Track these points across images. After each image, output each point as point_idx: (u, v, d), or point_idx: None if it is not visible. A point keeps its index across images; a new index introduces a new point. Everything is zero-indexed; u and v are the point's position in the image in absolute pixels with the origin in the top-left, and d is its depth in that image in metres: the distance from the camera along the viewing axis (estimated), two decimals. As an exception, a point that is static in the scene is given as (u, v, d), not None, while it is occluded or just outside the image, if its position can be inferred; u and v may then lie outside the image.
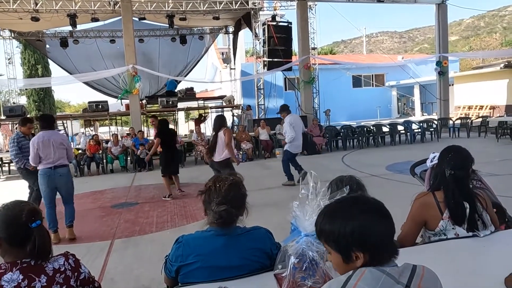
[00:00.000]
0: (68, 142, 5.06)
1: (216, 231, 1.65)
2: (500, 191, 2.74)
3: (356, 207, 1.13)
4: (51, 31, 17.39)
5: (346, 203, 1.17)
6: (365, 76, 25.59)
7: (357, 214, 1.10)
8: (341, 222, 1.10)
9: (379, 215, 1.11)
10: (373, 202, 1.16)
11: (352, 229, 1.08)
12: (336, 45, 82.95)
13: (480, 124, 13.82)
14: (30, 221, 1.48)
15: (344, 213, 1.12)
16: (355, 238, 1.08)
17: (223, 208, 1.60)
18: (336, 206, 1.18)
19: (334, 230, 1.11)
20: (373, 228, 1.08)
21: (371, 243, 1.07)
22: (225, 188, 1.64)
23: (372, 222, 1.09)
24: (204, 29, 19.41)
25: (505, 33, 57.19)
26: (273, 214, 5.53)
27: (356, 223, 1.08)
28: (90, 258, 4.26)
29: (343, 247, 1.10)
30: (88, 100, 15.87)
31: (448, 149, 2.19)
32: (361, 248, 1.08)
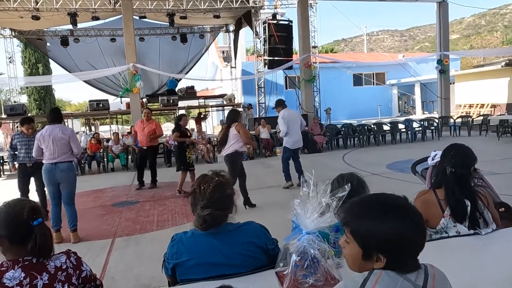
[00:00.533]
0: (72, 136, 4.85)
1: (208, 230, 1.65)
2: (501, 190, 2.74)
3: (396, 212, 1.05)
4: (51, 30, 17.40)
5: (385, 204, 1.09)
6: (366, 75, 25.56)
7: (393, 220, 1.03)
8: (375, 222, 1.05)
9: (413, 227, 1.04)
10: (413, 211, 1.08)
11: (384, 234, 1.03)
12: (336, 43, 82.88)
13: (481, 122, 13.80)
14: (32, 218, 1.48)
15: (380, 214, 1.05)
16: (383, 243, 1.03)
17: (207, 213, 1.59)
18: (372, 202, 1.12)
19: (364, 228, 1.06)
20: (404, 239, 1.02)
21: (397, 252, 1.03)
22: (209, 190, 1.63)
23: (404, 233, 1.02)
24: (205, 28, 19.40)
25: (506, 32, 57.08)
26: (274, 213, 5.54)
27: (390, 229, 1.02)
28: (91, 256, 4.26)
29: (367, 246, 1.06)
30: (89, 99, 15.89)
31: (451, 147, 2.19)
32: (385, 254, 1.03)
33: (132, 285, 3.57)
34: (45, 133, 4.70)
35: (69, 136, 4.77)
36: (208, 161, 11.70)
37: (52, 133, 4.69)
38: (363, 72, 25.14)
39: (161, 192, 7.74)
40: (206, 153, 11.79)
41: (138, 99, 13.07)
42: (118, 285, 3.59)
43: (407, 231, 1.02)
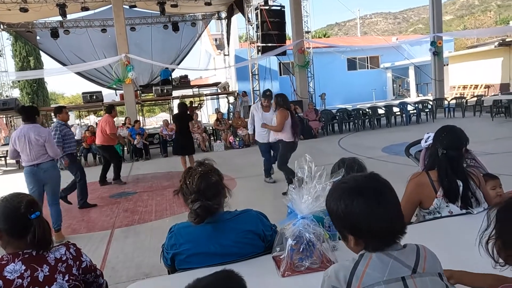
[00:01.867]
0: (48, 137, 4.51)
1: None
2: (494, 170, 2.78)
3: (352, 192, 1.08)
4: (41, 22, 17.13)
5: (346, 186, 1.12)
6: (360, 59, 25.46)
7: (348, 200, 1.07)
8: (335, 203, 1.09)
9: (373, 202, 1.06)
10: (372, 186, 1.10)
11: (342, 213, 1.07)
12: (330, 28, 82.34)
13: (475, 103, 13.85)
14: (29, 212, 1.50)
15: (340, 195, 1.09)
16: (343, 221, 1.08)
17: (197, 206, 1.60)
18: (338, 186, 1.15)
19: (330, 209, 1.13)
20: (358, 219, 1.05)
21: (357, 231, 1.06)
22: (195, 182, 1.63)
23: (359, 213, 1.05)
24: (196, 16, 19.19)
25: (499, 11, 56.89)
26: (270, 199, 5.61)
27: (346, 208, 1.06)
28: (90, 248, 4.30)
29: (337, 226, 1.14)
30: (82, 90, 15.78)
31: (442, 129, 2.21)
32: (350, 233, 1.08)
33: (132, 274, 3.62)
34: (20, 134, 4.42)
35: (45, 139, 4.46)
36: (204, 150, 11.72)
37: (27, 135, 4.39)
38: (357, 56, 25.03)
39: (158, 182, 7.77)
40: (202, 142, 11.80)
41: (131, 90, 13.00)
42: (119, 275, 3.63)
43: (360, 210, 1.04)
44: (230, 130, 12.45)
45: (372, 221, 1.04)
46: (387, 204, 1.08)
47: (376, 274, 1.01)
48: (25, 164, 4.53)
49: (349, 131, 13.04)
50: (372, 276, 1.01)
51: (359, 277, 1.01)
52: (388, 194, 1.10)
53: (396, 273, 1.02)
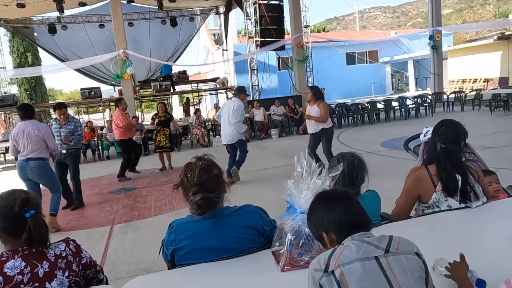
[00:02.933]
0: (46, 132, 4.70)
1: (203, 215, 1.67)
2: (493, 163, 2.78)
3: (314, 200, 1.35)
4: (38, 18, 17.02)
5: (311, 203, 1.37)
6: (359, 53, 25.41)
7: (312, 206, 1.33)
8: (308, 217, 1.35)
9: (330, 202, 1.29)
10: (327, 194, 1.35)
11: (313, 219, 1.31)
12: (328, 22, 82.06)
13: (474, 97, 13.84)
14: (24, 211, 1.49)
15: (308, 211, 1.35)
16: (314, 225, 1.31)
17: (199, 198, 1.61)
18: (314, 202, 1.36)
19: (308, 225, 1.37)
20: (326, 213, 1.27)
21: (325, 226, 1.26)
22: (196, 175, 1.64)
23: (325, 209, 1.27)
24: (195, 10, 19.08)
25: (498, 4, 56.65)
26: (269, 193, 5.60)
27: (315, 213, 1.30)
28: (90, 244, 4.31)
29: (315, 235, 1.34)
30: (80, 86, 15.73)
31: (441, 123, 2.21)
32: (324, 230, 1.27)
33: (132, 269, 3.62)
34: (19, 131, 4.57)
35: (44, 134, 4.63)
36: (203, 145, 11.72)
37: (26, 129, 4.55)
38: (356, 50, 24.98)
39: (157, 178, 7.77)
40: (201, 137, 11.79)
41: (130, 85, 12.97)
42: (119, 270, 3.64)
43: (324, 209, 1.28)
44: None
45: (349, 216, 1.24)
46: (357, 203, 1.30)
47: (351, 254, 1.13)
48: (19, 157, 4.65)
49: (348, 126, 13.04)
50: (347, 256, 1.13)
51: (336, 257, 1.14)
52: (353, 197, 1.33)
53: (370, 253, 1.13)
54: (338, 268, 1.11)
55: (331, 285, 1.10)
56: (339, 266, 1.11)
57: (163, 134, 8.28)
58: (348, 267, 1.10)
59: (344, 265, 1.11)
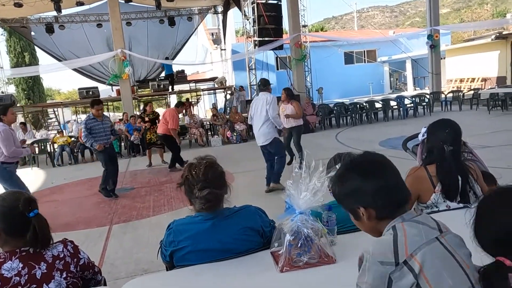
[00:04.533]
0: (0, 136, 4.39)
1: (204, 215, 1.66)
2: (491, 163, 2.78)
3: (348, 168, 1.20)
4: (35, 17, 16.98)
5: (342, 166, 1.25)
6: (357, 53, 25.41)
7: (348, 175, 1.18)
8: (337, 184, 1.21)
9: (369, 172, 1.16)
10: (366, 160, 1.21)
11: (344, 190, 1.18)
12: (327, 21, 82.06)
13: (472, 96, 13.86)
14: (27, 210, 1.49)
15: (340, 176, 1.21)
16: (348, 197, 1.17)
17: (206, 192, 1.59)
18: (337, 170, 1.25)
19: (336, 193, 1.22)
20: (363, 186, 1.13)
21: (365, 199, 1.14)
22: (201, 172, 1.63)
23: (362, 181, 1.14)
24: (193, 10, 19.06)
25: (496, 4, 56.76)
26: (269, 193, 5.62)
27: (348, 183, 1.17)
28: (89, 244, 4.30)
29: (347, 206, 1.21)
30: (78, 86, 15.71)
31: (443, 124, 2.20)
32: (361, 204, 1.15)
33: (131, 269, 3.62)
34: None
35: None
36: (201, 145, 11.71)
37: None
38: (354, 50, 24.98)
39: (156, 178, 7.76)
40: (199, 137, 11.78)
41: (128, 85, 12.94)
42: (118, 271, 3.63)
43: (359, 178, 1.15)
44: (228, 125, 12.43)
45: (393, 189, 1.14)
46: (397, 173, 1.18)
47: (416, 238, 1.04)
48: None
49: (347, 125, 13.05)
50: (414, 241, 1.04)
51: (403, 244, 1.04)
52: (392, 165, 1.20)
53: (430, 235, 1.06)
54: (412, 258, 1.01)
55: (406, 277, 1.00)
56: (412, 256, 1.01)
57: (154, 131, 8.76)
58: (420, 254, 1.01)
59: (416, 253, 1.01)
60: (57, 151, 10.77)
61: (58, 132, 11.71)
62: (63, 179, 8.58)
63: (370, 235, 1.22)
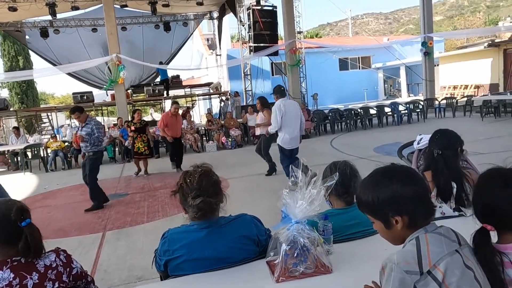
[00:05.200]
0: None
1: (199, 224, 1.65)
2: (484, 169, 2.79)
3: (384, 176, 1.22)
4: (30, 21, 16.90)
5: (376, 174, 1.25)
6: (352, 59, 25.59)
7: (387, 182, 1.19)
8: (374, 191, 1.20)
9: (405, 180, 1.18)
10: (399, 169, 1.25)
11: (384, 197, 1.17)
12: (322, 27, 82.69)
13: (465, 103, 13.99)
14: (20, 220, 1.46)
15: (375, 183, 1.21)
16: (388, 204, 1.17)
17: (199, 201, 1.59)
18: (369, 178, 1.26)
19: (369, 200, 1.20)
20: (402, 193, 1.15)
21: (404, 207, 1.15)
22: (196, 180, 1.62)
23: (400, 188, 1.16)
24: (188, 15, 19.10)
25: (488, 12, 57.59)
26: (263, 199, 5.59)
27: (386, 190, 1.17)
28: (82, 251, 4.25)
29: (381, 214, 1.20)
30: (72, 90, 15.64)
31: (436, 131, 2.26)
32: (397, 213, 1.16)
33: (125, 276, 3.58)
34: None
35: None
36: (196, 151, 11.67)
37: None
38: (348, 56, 25.15)
39: (150, 184, 7.71)
40: (194, 143, 11.74)
41: (123, 90, 12.90)
42: (111, 278, 3.59)
43: (398, 186, 1.16)
44: (223, 131, 12.42)
45: (426, 198, 1.18)
46: (420, 179, 1.22)
47: (438, 249, 1.09)
48: None
49: (341, 131, 13.09)
50: (436, 252, 1.09)
51: (426, 254, 1.09)
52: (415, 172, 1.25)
53: (451, 247, 1.10)
54: (436, 268, 1.06)
55: (430, 286, 1.05)
56: (435, 266, 1.06)
57: (141, 140, 8.37)
58: (443, 265, 1.06)
59: (439, 264, 1.06)
60: (51, 156, 10.68)
61: (51, 137, 11.61)
62: (56, 184, 8.50)
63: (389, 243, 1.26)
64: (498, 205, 1.15)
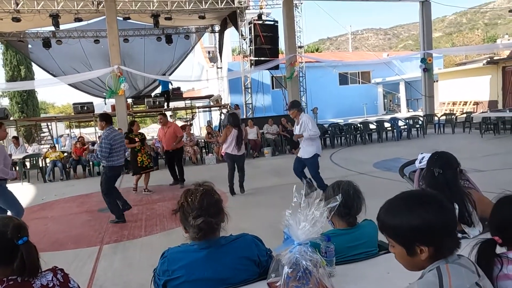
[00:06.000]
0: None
1: (199, 244, 1.62)
2: (484, 187, 2.78)
3: (417, 202, 1.17)
4: (33, 31, 17.04)
5: (407, 199, 1.20)
6: (352, 74, 25.77)
7: (418, 210, 1.13)
8: (403, 217, 1.15)
9: (440, 210, 1.14)
10: (434, 197, 1.19)
11: (416, 225, 1.12)
12: (322, 42, 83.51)
13: (465, 120, 14.05)
14: (16, 238, 1.43)
15: (405, 209, 1.16)
16: (418, 233, 1.12)
17: (200, 221, 1.56)
18: (399, 201, 1.21)
19: (397, 225, 1.16)
20: (436, 224, 1.11)
21: (435, 238, 1.12)
22: (197, 199, 1.60)
23: (435, 218, 1.11)
24: (190, 28, 19.28)
25: (486, 29, 58.30)
26: (263, 214, 5.54)
27: (418, 218, 1.12)
28: (78, 265, 4.18)
29: (407, 241, 1.15)
30: (73, 100, 15.71)
31: (434, 153, 2.27)
32: (426, 243, 1.12)
33: (121, 293, 3.52)
34: None
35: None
36: (194, 163, 11.64)
37: None
38: (348, 71, 25.34)
39: (148, 196, 7.66)
40: (193, 155, 11.72)
41: (123, 101, 12.93)
42: (107, 294, 3.53)
43: (432, 216, 1.12)
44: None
45: (451, 228, 1.16)
46: (452, 211, 1.20)
47: (459, 282, 1.07)
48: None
49: (341, 146, 13.08)
50: (458, 285, 1.06)
51: (448, 287, 1.06)
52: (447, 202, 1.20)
53: (471, 279, 1.09)
54: None
55: None
56: None
57: (144, 153, 7.91)
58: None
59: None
60: (49, 167, 10.63)
61: (50, 147, 11.59)
62: (54, 195, 8.44)
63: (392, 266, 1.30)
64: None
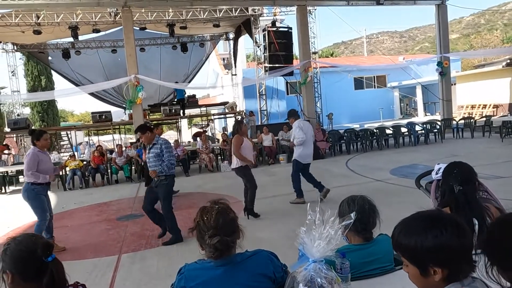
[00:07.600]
0: (26, 159, 5.13)
1: (216, 262, 1.65)
2: (504, 195, 2.72)
3: (434, 224, 1.15)
4: (53, 43, 17.56)
5: (424, 219, 1.19)
6: (367, 78, 25.57)
7: (437, 232, 1.12)
8: (419, 238, 1.14)
9: (456, 232, 1.13)
10: (450, 219, 1.18)
11: (430, 246, 1.12)
12: (336, 46, 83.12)
13: (484, 123, 13.74)
14: (46, 255, 1.49)
15: (422, 229, 1.15)
16: (433, 255, 1.12)
17: (216, 240, 1.59)
18: (414, 221, 1.20)
19: (412, 245, 1.16)
20: (451, 246, 1.10)
21: (449, 260, 1.11)
22: (213, 218, 1.62)
23: (450, 240, 1.11)
24: (205, 36, 19.51)
25: (505, 30, 57.06)
26: (278, 223, 5.53)
27: (434, 240, 1.11)
28: (97, 274, 4.26)
29: (420, 262, 1.15)
30: (91, 108, 16.09)
31: (452, 165, 2.22)
32: (440, 265, 1.12)
33: (139, 303, 3.57)
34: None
35: (26, 160, 5.14)
36: (210, 170, 11.72)
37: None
38: (364, 75, 25.16)
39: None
40: (209, 162, 11.81)
41: (140, 109, 13.13)
42: (126, 304, 3.59)
43: (447, 238, 1.11)
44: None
45: (467, 251, 1.13)
46: (469, 234, 1.16)
47: None
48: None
49: (357, 152, 12.98)
50: None
51: None
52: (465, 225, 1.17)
53: None
54: None
55: None
56: None
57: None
58: None
59: None
60: (69, 175, 10.88)
61: (70, 156, 11.86)
62: (73, 204, 8.62)
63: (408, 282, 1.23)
64: None
